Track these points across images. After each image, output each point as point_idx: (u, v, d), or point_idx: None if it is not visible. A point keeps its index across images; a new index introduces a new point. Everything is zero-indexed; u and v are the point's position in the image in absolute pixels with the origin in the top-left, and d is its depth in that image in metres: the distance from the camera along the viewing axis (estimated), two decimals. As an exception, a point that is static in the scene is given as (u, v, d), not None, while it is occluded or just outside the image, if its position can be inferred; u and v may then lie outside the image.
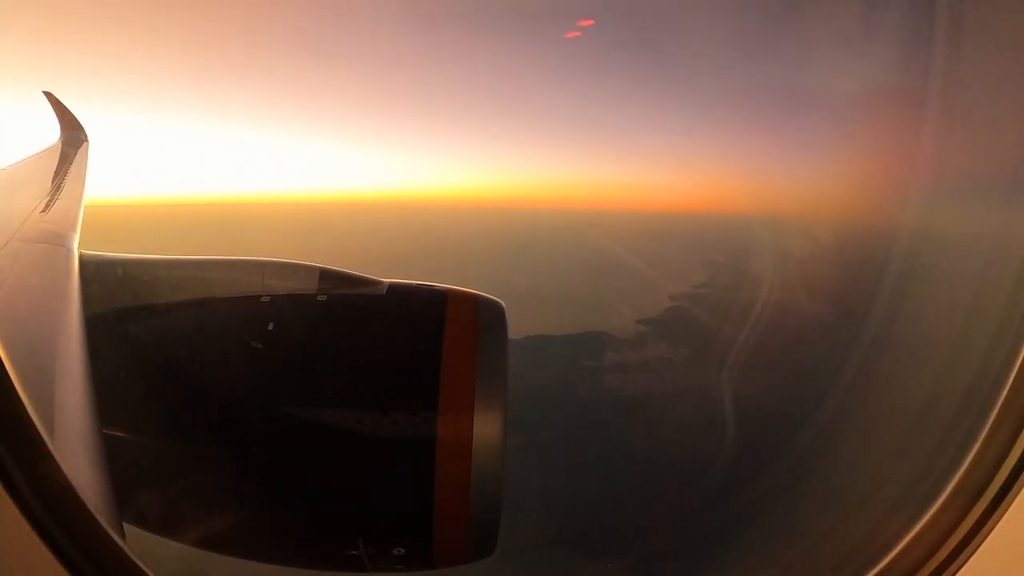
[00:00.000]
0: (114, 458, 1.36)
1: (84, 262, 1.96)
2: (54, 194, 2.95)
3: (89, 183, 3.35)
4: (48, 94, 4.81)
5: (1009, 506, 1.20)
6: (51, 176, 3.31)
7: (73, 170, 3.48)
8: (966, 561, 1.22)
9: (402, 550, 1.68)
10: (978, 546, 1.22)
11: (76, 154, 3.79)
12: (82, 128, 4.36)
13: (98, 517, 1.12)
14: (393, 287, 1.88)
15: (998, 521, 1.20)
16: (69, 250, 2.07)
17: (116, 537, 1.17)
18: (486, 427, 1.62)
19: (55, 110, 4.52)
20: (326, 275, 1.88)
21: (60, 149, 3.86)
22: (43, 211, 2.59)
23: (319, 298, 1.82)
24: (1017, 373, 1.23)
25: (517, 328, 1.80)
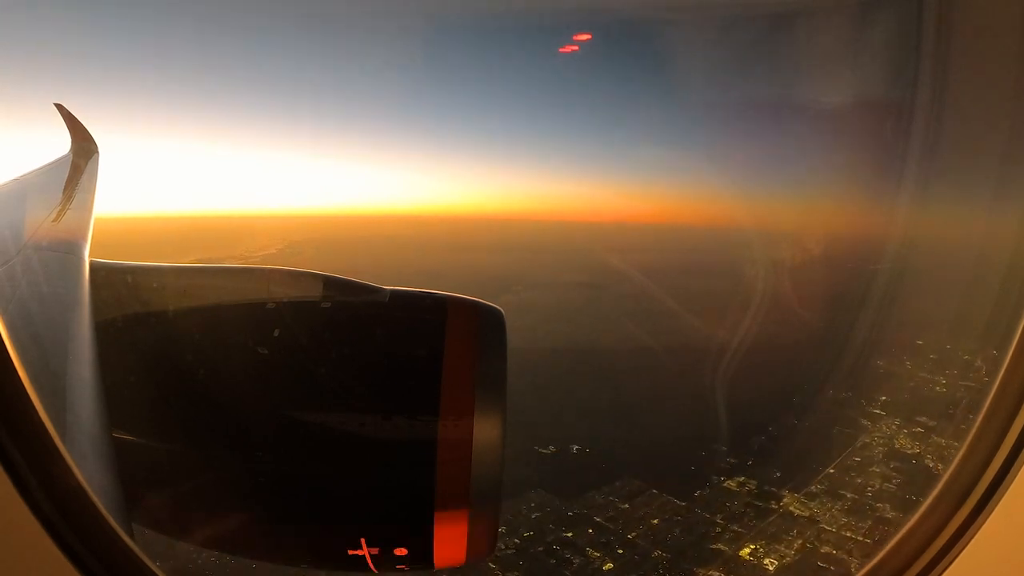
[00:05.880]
0: (124, 460, 1.40)
1: (94, 269, 2.00)
2: (65, 204, 3.00)
3: (99, 194, 3.41)
4: (60, 106, 4.89)
5: (994, 508, 1.22)
6: (62, 186, 3.35)
7: (84, 180, 3.53)
8: (953, 561, 1.24)
9: (404, 551, 1.71)
10: (964, 546, 1.24)
11: (87, 165, 3.84)
12: (92, 140, 4.42)
13: (108, 518, 1.16)
14: (395, 295, 1.92)
15: (984, 522, 1.22)
16: (80, 258, 2.12)
17: (126, 537, 1.20)
18: (486, 431, 1.66)
19: (66, 122, 4.58)
20: (330, 283, 1.91)
21: (71, 160, 3.91)
22: (55, 220, 2.64)
23: (323, 305, 1.86)
24: (1003, 377, 1.25)
25: (516, 335, 1.83)
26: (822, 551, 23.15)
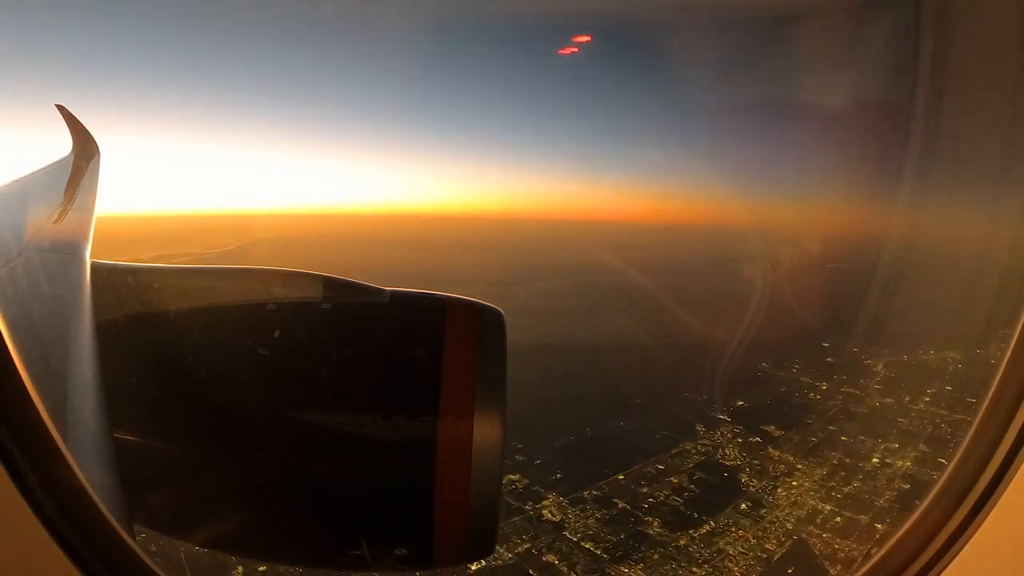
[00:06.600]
0: (125, 461, 1.40)
1: (95, 270, 2.00)
2: (67, 205, 3.00)
3: (101, 194, 3.41)
4: (61, 107, 4.89)
5: (993, 508, 1.22)
6: (63, 187, 3.35)
7: (85, 181, 3.53)
8: (951, 561, 1.24)
9: (404, 551, 1.71)
10: (963, 546, 1.24)
11: (88, 166, 3.84)
12: (94, 141, 4.42)
13: (109, 518, 1.16)
14: (395, 296, 1.92)
15: (983, 522, 1.23)
16: (81, 259, 2.12)
17: (127, 537, 1.21)
18: (485, 432, 1.66)
19: (68, 123, 4.59)
20: (330, 284, 1.92)
21: (72, 161, 3.91)
22: (56, 221, 2.65)
23: (323, 306, 1.86)
24: (1001, 377, 1.25)
25: (515, 335, 1.83)
26: (544, 559, 22.23)
